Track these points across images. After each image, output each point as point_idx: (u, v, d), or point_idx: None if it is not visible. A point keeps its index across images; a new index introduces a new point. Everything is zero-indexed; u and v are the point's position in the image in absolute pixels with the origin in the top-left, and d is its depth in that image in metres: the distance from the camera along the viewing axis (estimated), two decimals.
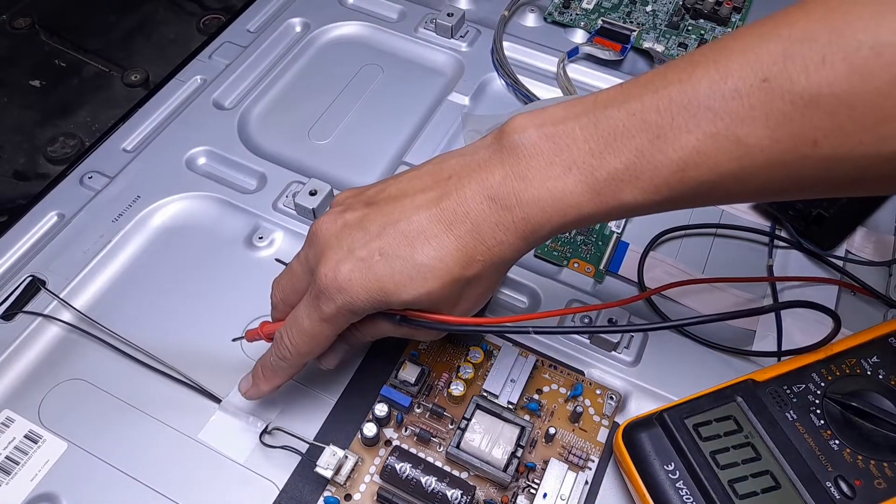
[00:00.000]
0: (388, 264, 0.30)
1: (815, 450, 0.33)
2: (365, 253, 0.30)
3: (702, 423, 0.34)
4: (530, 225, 0.29)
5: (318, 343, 0.33)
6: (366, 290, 0.30)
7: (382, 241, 0.30)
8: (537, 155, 0.29)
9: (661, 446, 0.34)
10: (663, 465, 0.33)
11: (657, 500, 0.32)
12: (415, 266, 0.30)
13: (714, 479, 0.32)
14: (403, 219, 0.30)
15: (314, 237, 0.32)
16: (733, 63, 0.26)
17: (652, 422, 0.35)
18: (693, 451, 0.33)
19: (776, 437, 0.33)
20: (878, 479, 0.32)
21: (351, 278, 0.30)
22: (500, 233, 0.29)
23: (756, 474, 0.32)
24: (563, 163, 0.28)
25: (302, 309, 0.32)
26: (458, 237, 0.30)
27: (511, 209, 0.29)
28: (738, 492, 0.32)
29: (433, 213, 0.30)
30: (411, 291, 0.30)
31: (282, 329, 0.33)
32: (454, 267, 0.30)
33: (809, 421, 0.34)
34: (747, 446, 0.33)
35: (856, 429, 0.33)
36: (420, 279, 0.30)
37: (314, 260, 0.32)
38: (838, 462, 0.32)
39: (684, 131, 0.26)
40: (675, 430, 0.34)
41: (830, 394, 0.34)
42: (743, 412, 0.34)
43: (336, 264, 0.30)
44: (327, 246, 0.31)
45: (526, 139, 0.29)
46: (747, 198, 0.30)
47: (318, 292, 0.31)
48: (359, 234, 0.31)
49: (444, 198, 0.30)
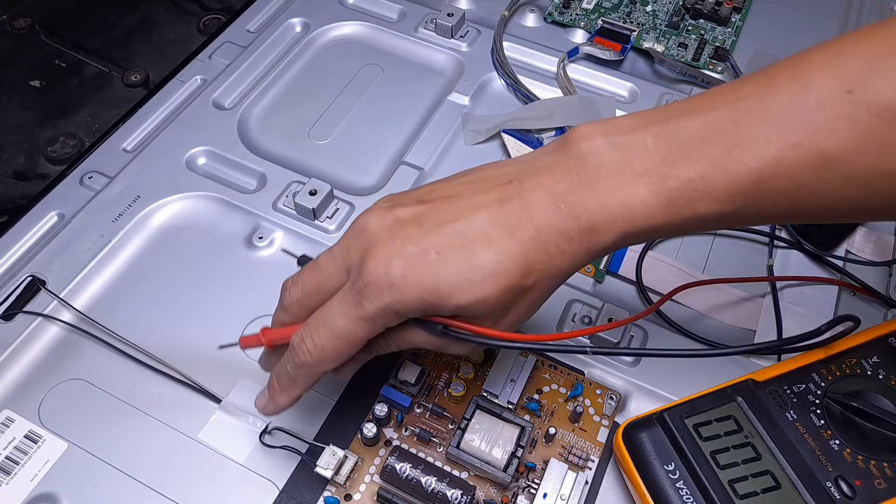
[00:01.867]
0: (444, 264, 0.28)
1: (815, 450, 0.33)
2: (420, 249, 0.28)
3: (702, 423, 0.34)
4: (595, 235, 0.28)
5: (349, 347, 0.30)
6: (419, 288, 0.28)
7: (440, 239, 0.28)
8: (606, 163, 0.28)
9: (661, 446, 0.34)
10: (663, 464, 0.33)
11: (657, 500, 0.32)
12: (474, 269, 0.28)
13: (714, 478, 0.32)
14: (462, 218, 0.28)
15: (360, 231, 0.30)
16: (815, 76, 0.25)
17: (652, 422, 0.34)
18: (693, 450, 0.33)
19: (776, 437, 0.33)
20: (879, 479, 0.32)
21: (405, 274, 0.28)
22: (564, 242, 0.28)
23: (756, 474, 0.32)
24: (633, 171, 0.27)
25: (335, 307, 0.29)
26: (521, 243, 0.28)
27: (577, 217, 0.28)
28: (739, 492, 0.32)
29: (495, 216, 0.28)
30: (467, 296, 0.28)
31: (302, 332, 0.30)
32: (514, 274, 0.28)
33: (809, 421, 0.34)
34: (747, 446, 0.33)
35: (856, 429, 0.33)
36: (478, 283, 0.28)
37: (357, 255, 0.29)
38: (838, 462, 0.32)
39: (763, 141, 0.26)
40: (675, 430, 0.34)
41: (830, 394, 0.34)
42: (743, 412, 0.34)
43: (388, 259, 0.28)
44: (378, 240, 0.29)
45: (594, 147, 0.28)
46: (818, 213, 0.28)
47: (361, 288, 0.28)
48: (414, 229, 0.29)
49: (506, 201, 0.28)
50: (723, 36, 0.56)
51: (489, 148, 0.50)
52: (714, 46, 0.55)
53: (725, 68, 0.54)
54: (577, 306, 0.41)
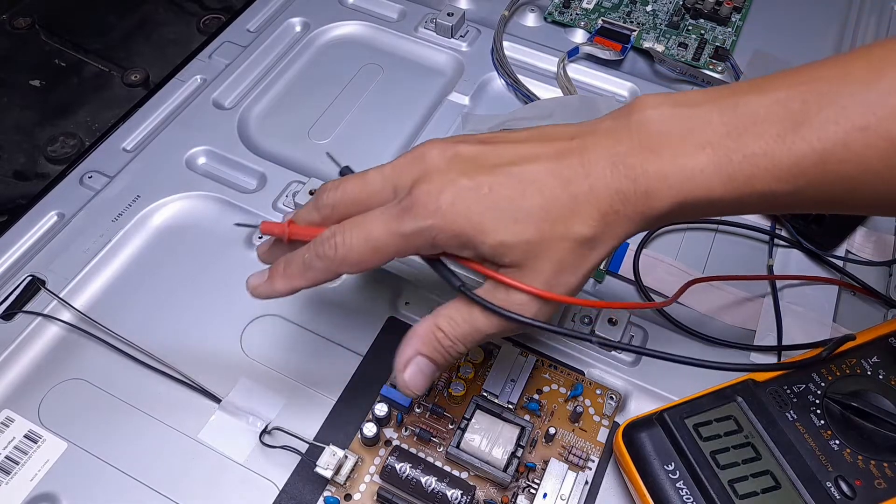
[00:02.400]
0: (493, 201, 0.28)
1: (815, 450, 0.33)
2: (473, 184, 0.28)
3: (702, 423, 0.34)
4: (650, 200, 0.27)
5: (375, 257, 0.30)
6: (464, 219, 0.28)
7: (494, 178, 0.28)
8: (669, 131, 0.27)
9: (661, 446, 0.34)
10: (663, 465, 0.33)
11: (657, 501, 0.32)
12: (520, 209, 0.28)
13: (714, 479, 0.32)
14: (520, 163, 0.29)
15: (419, 157, 0.30)
16: (889, 66, 0.25)
17: (652, 422, 0.34)
18: (693, 451, 0.33)
19: (776, 437, 0.33)
20: (879, 479, 0.32)
21: (454, 203, 0.28)
22: (618, 202, 0.28)
23: (756, 474, 0.32)
24: (696, 142, 0.27)
25: (375, 216, 0.30)
26: (573, 196, 0.28)
27: (634, 179, 0.27)
28: (739, 492, 0.32)
29: (552, 167, 0.28)
30: (508, 234, 0.28)
31: (334, 228, 0.30)
32: (558, 222, 0.28)
33: (809, 421, 0.34)
34: (747, 446, 0.33)
35: (856, 429, 0.33)
36: (522, 223, 0.28)
37: (409, 177, 0.29)
38: (838, 462, 0.32)
39: (832, 122, 0.26)
40: (675, 430, 0.34)
41: (830, 394, 0.34)
42: (743, 412, 0.34)
43: (441, 185, 0.28)
44: (435, 168, 0.29)
45: (659, 115, 0.28)
46: (880, 202, 0.27)
47: (407, 206, 0.29)
48: (471, 165, 0.29)
49: (565, 155, 0.28)
50: (723, 36, 0.56)
51: None
52: (714, 46, 0.55)
53: (725, 68, 0.54)
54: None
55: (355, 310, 0.41)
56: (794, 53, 0.55)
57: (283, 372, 0.39)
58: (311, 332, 0.40)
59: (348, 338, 0.40)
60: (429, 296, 0.42)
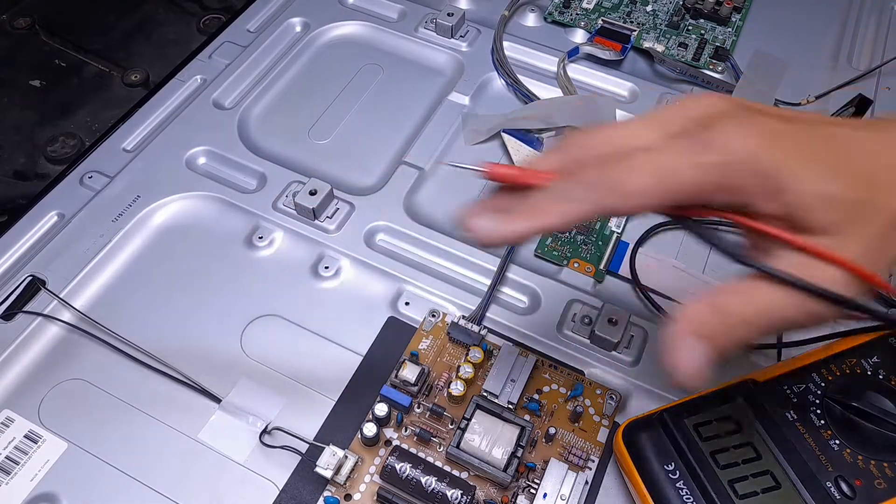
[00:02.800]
0: (811, 150, 0.24)
1: (815, 450, 0.33)
2: (789, 128, 0.25)
3: (702, 423, 0.34)
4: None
5: (660, 189, 0.24)
6: (777, 160, 0.24)
7: (811, 131, 0.25)
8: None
9: (661, 446, 0.34)
10: (663, 464, 0.33)
11: (657, 500, 0.32)
12: (842, 164, 0.24)
13: (714, 479, 0.32)
14: (838, 125, 0.25)
15: (701, 103, 0.25)
16: None
17: (652, 422, 0.34)
18: (693, 450, 0.33)
19: (776, 437, 0.33)
20: (879, 479, 0.32)
21: (765, 143, 0.24)
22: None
23: (756, 474, 0.32)
24: None
25: (664, 149, 0.25)
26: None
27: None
28: (739, 492, 0.32)
29: (877, 136, 0.25)
30: (826, 185, 0.23)
31: (620, 158, 0.25)
32: (886, 190, 0.24)
33: (810, 421, 0.33)
34: (747, 446, 0.33)
35: (856, 429, 0.33)
36: (844, 179, 0.23)
37: (693, 122, 0.25)
38: (838, 462, 0.32)
39: None
40: (675, 430, 0.34)
41: (830, 394, 0.34)
42: (743, 412, 0.34)
43: (749, 125, 0.24)
44: (732, 112, 0.25)
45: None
46: None
47: (707, 141, 0.24)
48: (777, 117, 0.25)
49: (889, 128, 0.25)
50: (723, 36, 0.56)
51: (489, 148, 0.50)
52: (714, 46, 0.55)
53: (726, 68, 0.54)
54: (577, 306, 0.41)
55: (355, 310, 0.41)
56: (794, 53, 0.55)
57: (283, 372, 0.39)
58: (311, 332, 0.40)
59: (348, 338, 0.40)
60: (429, 296, 0.42)
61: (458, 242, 0.44)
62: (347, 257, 0.43)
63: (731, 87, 0.52)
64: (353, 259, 0.43)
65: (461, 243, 0.44)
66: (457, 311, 0.41)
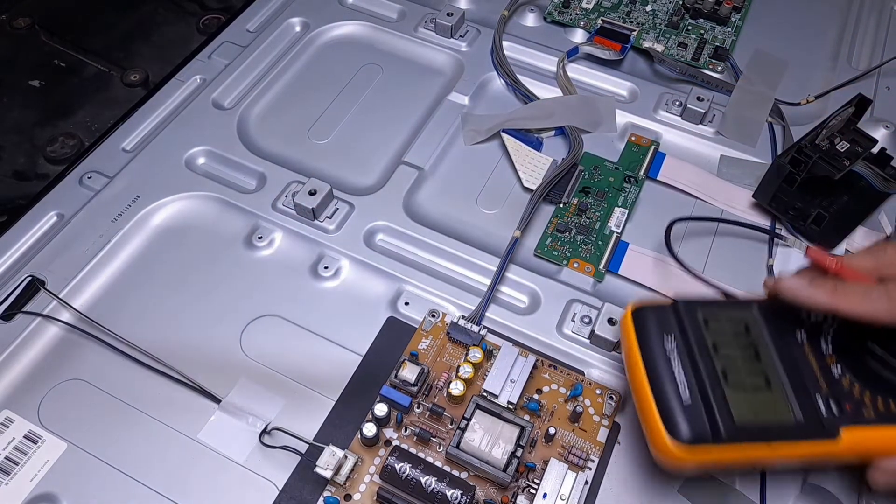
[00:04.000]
0: None
1: (815, 370, 0.33)
2: None
3: (712, 317, 0.34)
4: None
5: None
6: None
7: None
8: None
9: (666, 322, 0.34)
10: (663, 336, 0.33)
11: (648, 368, 0.33)
12: None
13: (709, 361, 0.32)
14: None
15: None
16: None
17: (664, 307, 0.35)
18: (696, 334, 0.33)
19: (781, 349, 0.33)
20: (868, 409, 0.32)
21: None
22: None
23: (751, 373, 0.32)
24: None
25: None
26: None
27: None
28: (729, 380, 0.32)
29: None
30: None
31: None
32: None
33: (818, 345, 0.34)
34: (751, 348, 0.33)
35: (861, 363, 0.33)
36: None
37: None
38: (835, 386, 0.33)
39: None
40: (685, 315, 0.34)
41: (844, 327, 0.34)
42: (755, 320, 0.34)
43: None
44: None
45: None
46: None
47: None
48: None
49: None
50: (723, 36, 0.56)
51: (489, 148, 0.50)
52: (714, 46, 0.55)
53: (725, 68, 0.54)
54: (577, 306, 0.41)
55: (355, 310, 0.41)
56: (794, 53, 0.55)
57: (283, 372, 0.39)
58: (311, 332, 0.40)
59: (348, 338, 0.40)
60: (429, 296, 0.42)
61: (457, 242, 0.44)
62: (347, 257, 0.43)
63: (731, 86, 0.52)
64: (353, 259, 0.43)
65: (461, 243, 0.44)
66: (456, 311, 0.41)
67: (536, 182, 0.46)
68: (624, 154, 0.49)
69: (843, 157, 0.41)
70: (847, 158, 0.41)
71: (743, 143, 0.49)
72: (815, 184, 0.42)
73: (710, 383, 0.32)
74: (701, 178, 0.47)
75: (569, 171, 0.47)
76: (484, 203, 0.47)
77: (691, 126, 0.50)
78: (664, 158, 0.48)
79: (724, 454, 0.31)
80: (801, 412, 0.32)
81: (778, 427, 0.32)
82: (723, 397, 0.31)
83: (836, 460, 0.34)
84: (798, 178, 0.42)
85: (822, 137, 0.42)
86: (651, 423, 0.32)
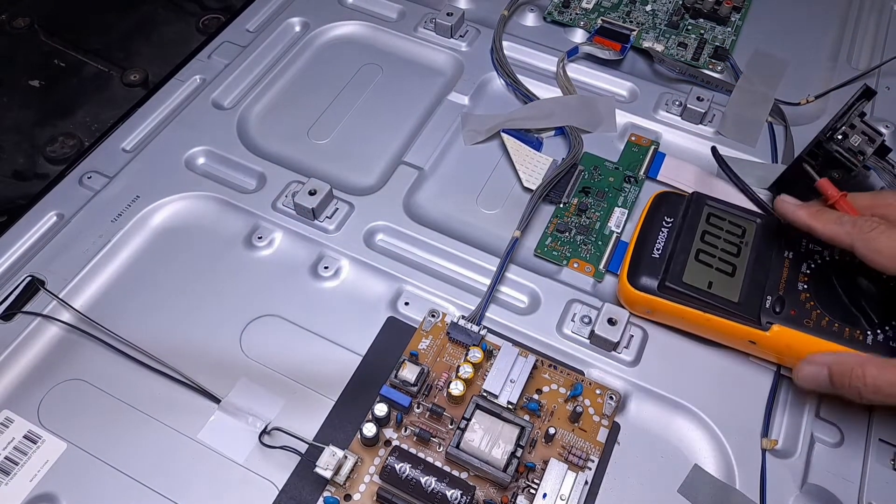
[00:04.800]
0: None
1: (783, 279, 0.38)
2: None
3: (716, 215, 0.41)
4: None
5: None
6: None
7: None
8: None
9: (674, 207, 0.42)
10: (664, 215, 0.41)
11: (641, 232, 0.41)
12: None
13: (689, 240, 0.39)
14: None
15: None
16: None
17: (681, 196, 0.43)
18: (693, 221, 0.40)
19: (763, 255, 0.39)
20: (809, 321, 0.36)
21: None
22: None
23: (723, 259, 0.39)
24: None
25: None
26: None
27: None
28: (699, 256, 0.38)
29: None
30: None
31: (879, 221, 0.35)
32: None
33: (798, 265, 0.38)
34: (736, 246, 0.39)
35: (827, 288, 0.37)
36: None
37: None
38: (792, 295, 0.37)
39: None
40: (693, 205, 0.41)
41: (834, 263, 0.38)
42: (754, 229, 0.40)
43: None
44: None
45: None
46: None
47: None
48: None
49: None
50: (722, 35, 0.56)
51: (489, 148, 0.50)
52: (714, 46, 0.55)
53: (725, 68, 0.54)
54: (577, 306, 0.41)
55: (355, 310, 0.41)
56: (794, 53, 0.55)
57: (283, 372, 0.39)
58: (311, 332, 0.40)
59: (348, 338, 0.40)
60: (428, 296, 0.42)
61: (457, 242, 0.44)
62: (347, 257, 0.43)
63: (731, 86, 0.52)
64: (353, 259, 0.43)
65: (461, 243, 0.44)
66: (456, 311, 0.41)
67: (536, 182, 0.46)
68: (624, 154, 0.49)
69: (858, 152, 0.41)
70: (861, 153, 0.41)
71: (743, 143, 0.49)
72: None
73: (680, 254, 0.39)
74: (701, 178, 0.47)
75: (569, 171, 0.47)
76: (484, 203, 0.47)
77: (691, 126, 0.50)
78: (664, 158, 0.48)
79: (665, 307, 0.38)
80: (746, 299, 0.37)
81: (719, 301, 0.37)
82: (683, 263, 0.38)
83: (761, 352, 0.38)
84: (817, 174, 0.41)
85: (839, 132, 0.41)
86: (622, 267, 0.40)
